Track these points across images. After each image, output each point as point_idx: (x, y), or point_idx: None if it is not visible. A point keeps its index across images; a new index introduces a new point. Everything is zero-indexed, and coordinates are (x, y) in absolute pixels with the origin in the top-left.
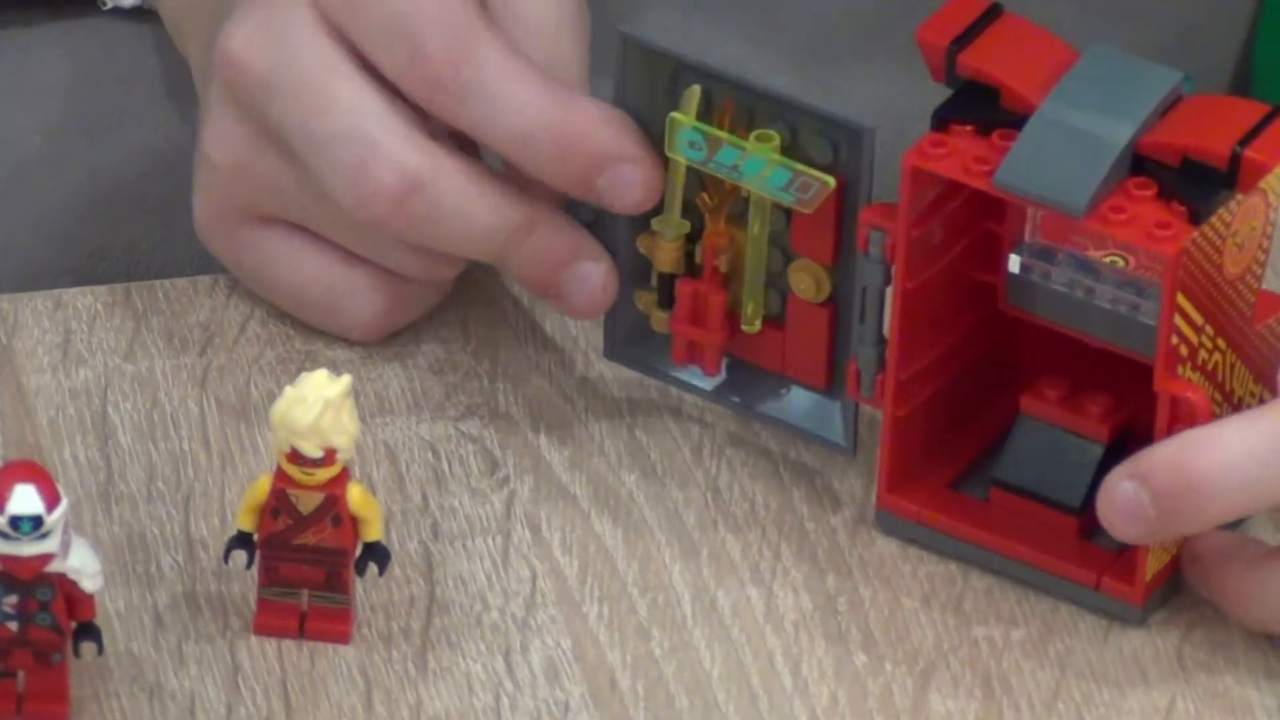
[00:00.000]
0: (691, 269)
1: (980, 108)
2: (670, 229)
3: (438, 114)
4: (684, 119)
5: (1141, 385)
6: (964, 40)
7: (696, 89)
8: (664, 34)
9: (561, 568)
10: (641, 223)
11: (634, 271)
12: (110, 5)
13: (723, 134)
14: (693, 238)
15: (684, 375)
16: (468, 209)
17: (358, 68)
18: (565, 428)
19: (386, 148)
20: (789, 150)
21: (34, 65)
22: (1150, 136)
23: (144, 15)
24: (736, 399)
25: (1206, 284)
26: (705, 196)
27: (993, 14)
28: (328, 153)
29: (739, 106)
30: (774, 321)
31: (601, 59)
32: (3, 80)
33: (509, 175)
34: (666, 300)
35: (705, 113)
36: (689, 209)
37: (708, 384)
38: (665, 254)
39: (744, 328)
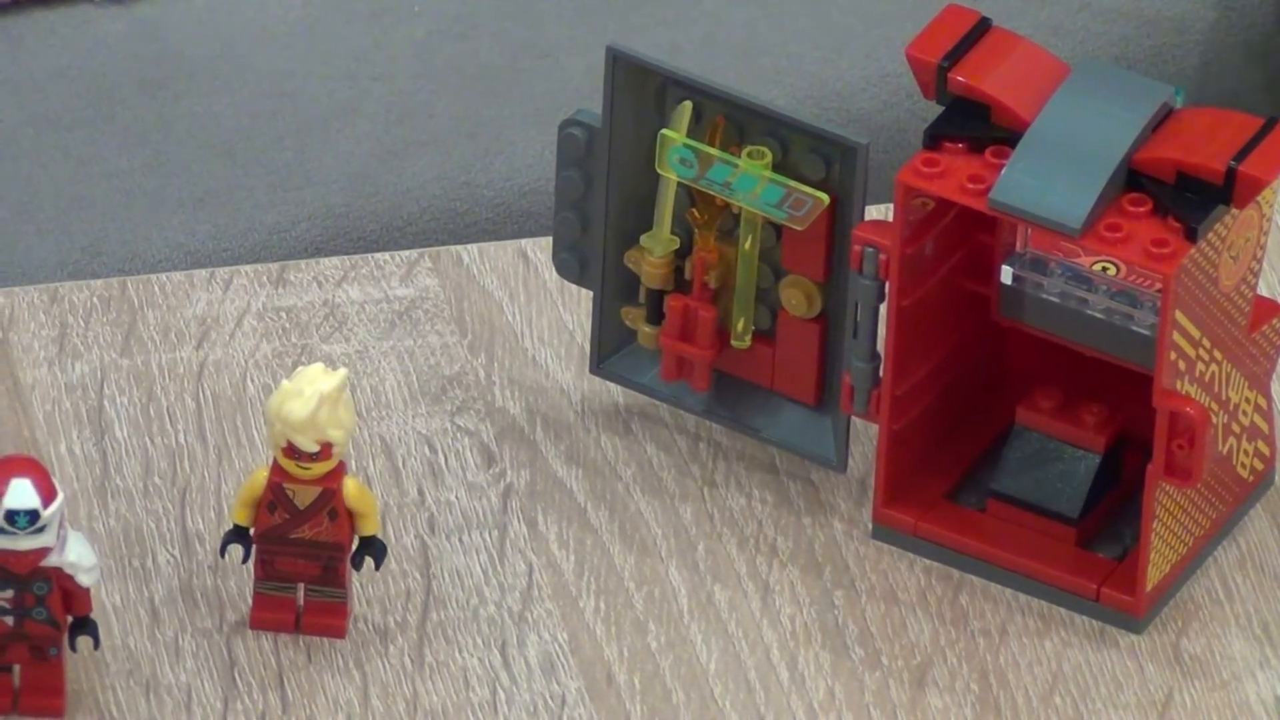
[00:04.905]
0: (680, 284)
1: (972, 124)
2: (659, 245)
3: None
4: (675, 136)
5: (1136, 393)
6: (954, 56)
7: (688, 105)
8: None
9: (558, 562)
10: (630, 238)
11: (621, 287)
12: None
13: (714, 151)
14: (681, 253)
15: (672, 391)
16: None
17: None
18: (561, 422)
19: None
20: (780, 166)
21: (26, 57)
22: (1144, 152)
23: (135, 4)
24: (725, 414)
25: (1203, 298)
26: (695, 212)
27: (981, 28)
28: None
29: (729, 122)
30: (764, 337)
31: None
32: None
33: None
34: (654, 316)
35: (695, 128)
36: (678, 224)
37: (696, 400)
38: (653, 270)
39: (734, 343)
